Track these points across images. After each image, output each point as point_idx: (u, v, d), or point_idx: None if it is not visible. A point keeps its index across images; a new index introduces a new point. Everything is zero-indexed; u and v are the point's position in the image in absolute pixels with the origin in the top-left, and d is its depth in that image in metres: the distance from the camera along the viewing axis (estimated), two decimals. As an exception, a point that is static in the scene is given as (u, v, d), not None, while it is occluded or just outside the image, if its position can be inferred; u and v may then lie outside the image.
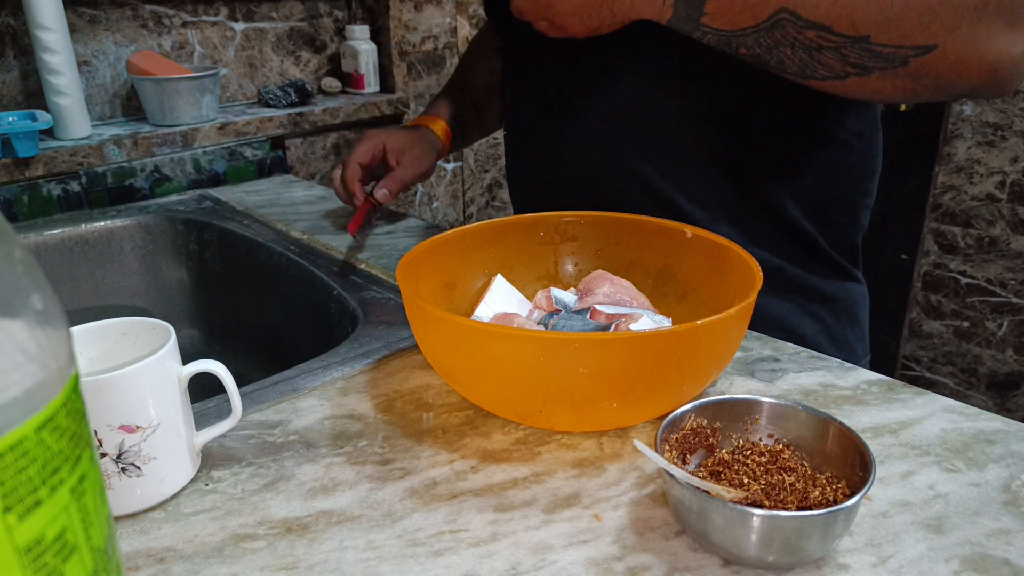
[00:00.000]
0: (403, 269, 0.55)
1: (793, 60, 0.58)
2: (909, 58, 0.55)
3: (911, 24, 0.54)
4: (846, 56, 0.57)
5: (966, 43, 0.54)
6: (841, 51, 0.57)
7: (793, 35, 0.57)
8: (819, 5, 0.55)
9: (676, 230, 0.63)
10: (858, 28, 0.55)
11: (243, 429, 0.52)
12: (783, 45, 0.58)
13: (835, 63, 0.58)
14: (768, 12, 0.56)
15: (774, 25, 0.56)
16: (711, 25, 0.58)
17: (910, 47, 0.55)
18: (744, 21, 0.57)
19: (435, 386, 0.58)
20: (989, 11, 0.53)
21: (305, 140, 1.33)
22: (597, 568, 0.40)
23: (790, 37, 0.57)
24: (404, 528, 0.43)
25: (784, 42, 0.57)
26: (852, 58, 0.57)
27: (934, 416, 0.53)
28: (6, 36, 1.05)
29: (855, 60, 0.57)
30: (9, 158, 0.96)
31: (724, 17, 0.57)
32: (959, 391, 1.95)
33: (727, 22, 0.58)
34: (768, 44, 0.58)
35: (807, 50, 0.57)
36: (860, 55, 0.56)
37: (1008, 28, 0.54)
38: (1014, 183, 1.76)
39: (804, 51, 0.57)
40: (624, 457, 0.49)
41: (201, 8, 1.22)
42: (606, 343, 0.45)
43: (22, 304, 0.22)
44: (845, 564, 0.40)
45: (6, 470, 0.21)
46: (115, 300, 1.00)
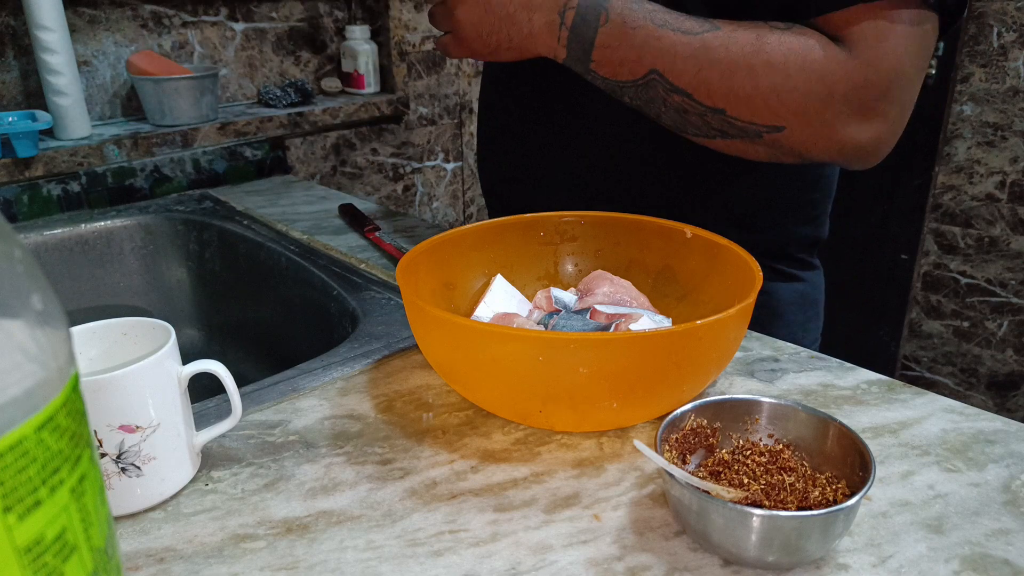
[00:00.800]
0: (403, 269, 0.55)
1: (668, 116, 0.62)
2: (762, 133, 0.59)
3: (759, 105, 0.58)
4: (708, 122, 0.61)
5: (812, 127, 0.58)
6: (704, 117, 0.60)
7: (663, 95, 0.60)
8: (684, 73, 0.58)
9: (676, 230, 0.63)
10: (714, 101, 0.59)
11: (243, 429, 0.52)
12: (656, 102, 0.61)
13: (700, 125, 0.61)
14: (643, 71, 0.60)
15: (648, 84, 0.60)
16: (598, 72, 0.62)
17: (761, 125, 0.59)
18: (623, 75, 0.61)
19: (435, 386, 0.58)
20: (835, 102, 0.56)
21: (305, 140, 1.33)
22: (597, 568, 0.40)
23: (660, 97, 0.61)
24: (404, 528, 0.43)
25: (657, 100, 0.61)
26: (714, 124, 0.60)
27: (934, 416, 0.53)
28: (6, 36, 1.05)
29: (716, 126, 0.61)
30: (9, 158, 0.96)
31: (607, 67, 0.61)
32: (959, 391, 1.95)
33: (610, 72, 0.61)
34: (645, 98, 0.61)
35: (676, 111, 0.61)
36: (719, 123, 0.60)
37: (855, 119, 0.57)
38: (1014, 183, 1.75)
39: (675, 111, 0.61)
40: (624, 457, 0.49)
41: (201, 8, 1.22)
42: (606, 343, 0.45)
43: (22, 304, 0.22)
44: (845, 564, 0.40)
45: (6, 470, 0.21)
46: (115, 300, 1.00)
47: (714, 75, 0.58)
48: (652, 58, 0.59)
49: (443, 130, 1.57)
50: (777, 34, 0.57)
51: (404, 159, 1.51)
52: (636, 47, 0.59)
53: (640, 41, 0.59)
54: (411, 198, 1.56)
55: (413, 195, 1.56)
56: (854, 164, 0.61)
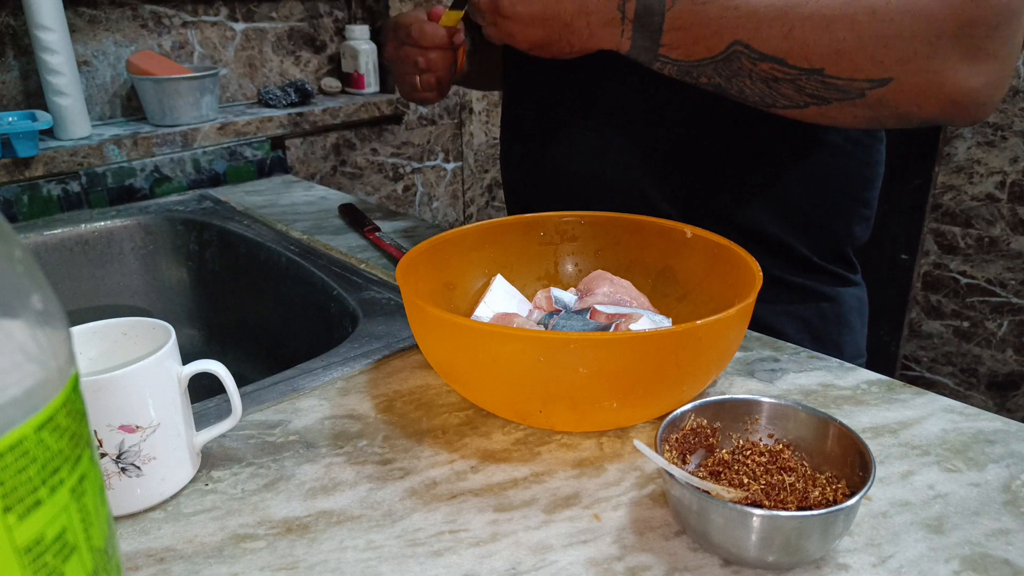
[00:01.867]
0: (403, 269, 0.55)
1: (753, 90, 0.59)
2: (865, 90, 0.56)
3: (863, 58, 0.54)
4: (803, 87, 0.57)
5: (921, 76, 0.54)
6: (797, 83, 0.57)
7: (749, 67, 0.57)
8: (771, 38, 0.55)
9: (676, 230, 0.63)
10: (811, 61, 0.55)
11: (243, 429, 0.52)
12: (741, 76, 0.58)
13: (793, 93, 0.58)
14: (723, 45, 0.56)
15: (730, 57, 0.57)
16: (669, 56, 0.59)
17: (864, 80, 0.55)
18: (700, 52, 0.57)
19: (435, 386, 0.58)
20: (944, 44, 0.53)
21: (305, 140, 1.33)
22: (597, 568, 0.40)
23: (746, 69, 0.57)
24: (404, 528, 0.43)
25: (741, 73, 0.58)
26: (809, 89, 0.57)
27: (934, 416, 0.53)
28: (6, 36, 1.05)
29: (812, 91, 0.57)
30: (9, 158, 0.96)
31: (680, 48, 0.58)
32: (959, 391, 1.95)
33: (684, 53, 0.58)
34: (727, 74, 0.58)
35: (764, 81, 0.57)
36: (816, 87, 0.56)
37: (965, 61, 0.53)
38: (1014, 183, 1.75)
39: (762, 82, 0.58)
40: (624, 457, 0.49)
41: (201, 8, 1.22)
42: (606, 343, 0.45)
43: (22, 304, 0.22)
44: (845, 564, 0.40)
45: (6, 470, 0.21)
46: (115, 300, 1.00)
47: (808, 33, 0.54)
48: (732, 29, 0.55)
49: (443, 130, 1.57)
50: None
51: (404, 159, 1.51)
52: (712, 21, 0.56)
53: (715, 14, 0.56)
54: (411, 198, 1.56)
55: (413, 195, 1.56)
56: (965, 116, 0.57)
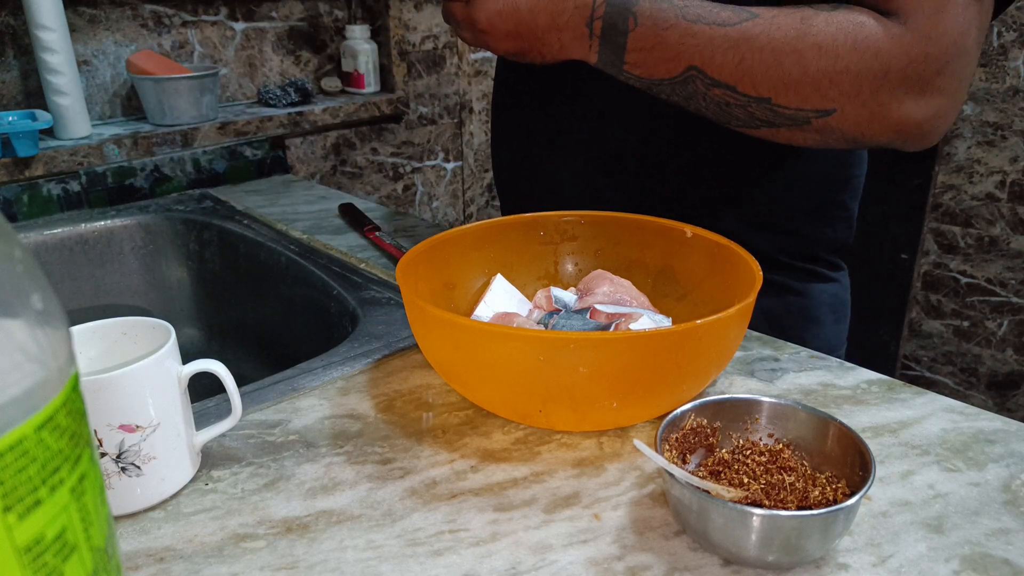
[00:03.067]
0: (403, 269, 0.55)
1: (709, 110, 0.61)
2: (811, 118, 0.58)
3: (809, 90, 0.56)
4: (752, 113, 0.59)
5: (866, 108, 0.56)
6: (747, 108, 0.59)
7: (703, 91, 0.59)
8: (724, 66, 0.57)
9: (676, 230, 0.63)
10: (759, 90, 0.57)
11: (243, 429, 0.52)
12: (696, 98, 0.60)
13: (744, 117, 0.60)
14: (680, 68, 0.59)
15: (686, 80, 0.59)
16: (632, 72, 0.61)
17: (810, 110, 0.57)
18: (659, 74, 0.60)
19: (435, 386, 0.58)
20: (891, 80, 0.54)
21: (305, 140, 1.33)
22: (597, 568, 0.40)
23: (700, 92, 0.60)
24: (404, 528, 0.43)
25: (696, 95, 0.60)
26: (758, 115, 0.59)
27: (934, 416, 0.53)
28: (6, 36, 1.04)
29: (761, 117, 0.59)
30: (9, 158, 0.96)
31: (642, 67, 0.60)
32: (959, 391, 1.95)
33: (646, 72, 0.60)
34: (684, 95, 0.61)
35: (717, 104, 0.60)
36: (765, 113, 0.59)
37: (912, 95, 0.55)
38: (1014, 183, 1.75)
39: (715, 105, 0.60)
40: (624, 457, 0.49)
41: (201, 8, 1.22)
42: (606, 343, 0.45)
43: (22, 304, 0.22)
44: (845, 564, 0.40)
45: (6, 470, 0.21)
46: (115, 300, 1.00)
47: (757, 64, 0.56)
48: (689, 55, 0.58)
49: (443, 130, 1.57)
50: (824, 15, 0.56)
51: (404, 159, 1.51)
52: (671, 46, 0.58)
53: (675, 40, 0.58)
54: (411, 198, 1.56)
55: (413, 195, 1.56)
56: (911, 144, 0.59)
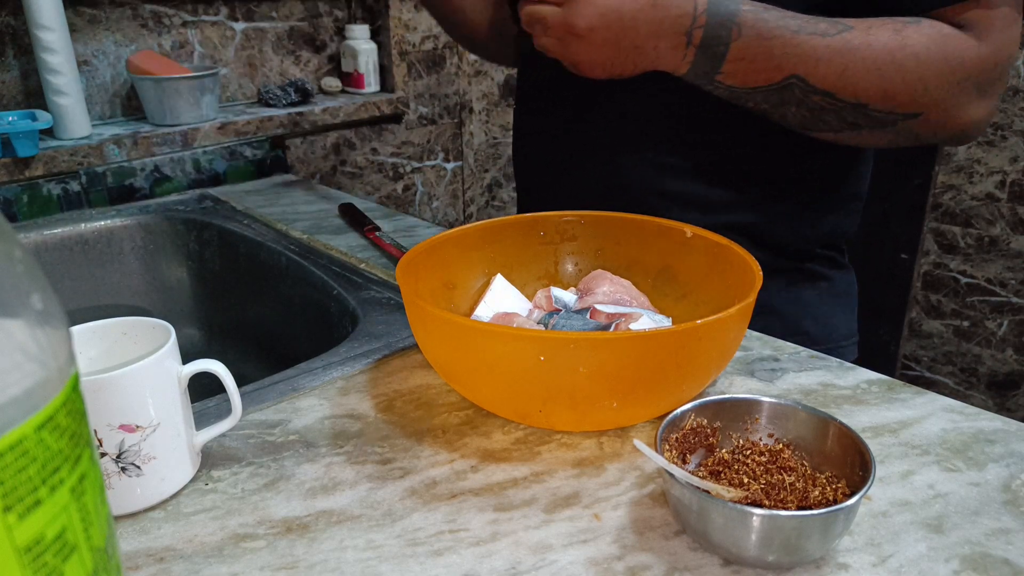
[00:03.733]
0: (403, 269, 0.55)
1: (796, 116, 0.64)
2: (897, 121, 0.63)
3: (905, 97, 0.61)
4: (844, 117, 0.63)
5: (945, 112, 0.63)
6: (841, 113, 0.63)
7: (800, 97, 0.62)
8: (827, 76, 0.60)
9: (676, 230, 0.63)
10: (859, 97, 0.61)
11: (243, 429, 0.52)
12: (789, 104, 0.63)
13: (833, 121, 0.64)
14: (780, 76, 0.61)
15: (784, 87, 0.61)
16: (724, 83, 0.63)
17: (900, 114, 0.63)
18: (757, 82, 0.62)
19: (435, 386, 0.58)
20: (968, 88, 0.62)
21: (305, 140, 1.33)
22: (597, 568, 0.40)
23: (796, 99, 0.62)
24: (404, 528, 0.43)
25: (791, 102, 0.63)
26: (850, 119, 0.63)
27: (934, 416, 0.53)
28: (6, 36, 1.04)
29: (852, 120, 0.64)
30: (9, 158, 0.96)
31: (738, 77, 0.62)
32: (959, 391, 1.95)
33: (740, 81, 0.62)
34: (775, 102, 0.63)
35: (810, 110, 0.63)
36: (857, 117, 0.63)
37: (978, 97, 0.63)
38: (1014, 183, 1.75)
39: (807, 110, 0.63)
40: (624, 457, 0.49)
41: (201, 8, 1.22)
42: (606, 343, 0.45)
43: (22, 304, 0.22)
44: (845, 564, 0.40)
45: (6, 470, 0.21)
46: (115, 300, 1.00)
47: (860, 73, 0.60)
48: (792, 64, 0.60)
49: (443, 130, 1.57)
50: (913, 26, 0.60)
51: (404, 159, 1.51)
52: (774, 56, 0.60)
53: (779, 50, 0.60)
54: (411, 198, 1.56)
55: (413, 195, 1.56)
56: (964, 141, 0.67)
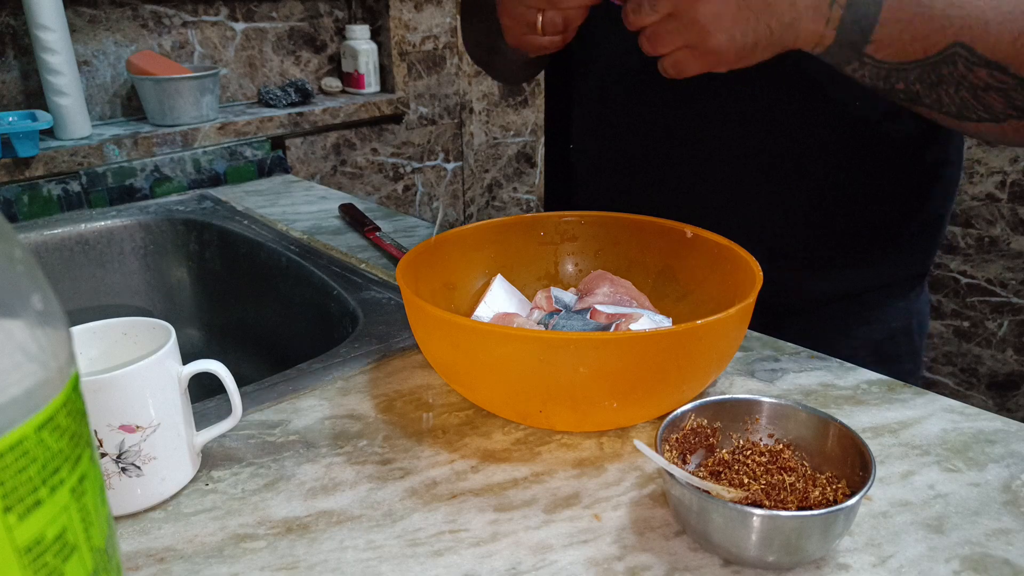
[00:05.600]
0: (403, 269, 0.55)
1: (953, 99, 0.55)
2: None
3: None
4: (1012, 99, 0.54)
5: None
6: (1009, 93, 0.53)
7: (962, 72, 0.53)
8: (999, 43, 0.52)
9: (676, 230, 0.63)
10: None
11: (243, 429, 0.52)
12: (947, 83, 0.54)
13: (998, 104, 0.54)
14: (942, 44, 0.52)
15: (945, 60, 0.53)
16: (875, 56, 0.53)
17: None
18: (913, 53, 0.53)
19: (435, 386, 0.58)
20: None
21: (305, 140, 1.33)
22: (597, 568, 0.40)
23: (958, 74, 0.53)
24: (404, 528, 0.43)
25: (949, 80, 0.54)
26: (1018, 101, 0.54)
27: (934, 416, 0.53)
28: (6, 36, 1.04)
29: (1020, 103, 0.54)
30: (9, 158, 0.96)
31: (892, 47, 0.53)
32: (959, 391, 1.95)
33: (894, 53, 0.53)
34: (931, 81, 0.54)
35: (972, 89, 0.54)
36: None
37: None
38: (1014, 183, 1.75)
39: (968, 90, 0.54)
40: (624, 457, 0.49)
41: (201, 8, 1.22)
42: (606, 343, 0.45)
43: (22, 304, 0.22)
44: (845, 564, 0.40)
45: (6, 470, 0.21)
46: (115, 300, 1.00)
47: None
48: (956, 28, 0.51)
49: (443, 130, 1.57)
50: None
51: (404, 159, 1.52)
52: (935, 18, 0.51)
53: (939, 10, 0.51)
54: (411, 198, 1.56)
55: (413, 195, 1.56)
56: None
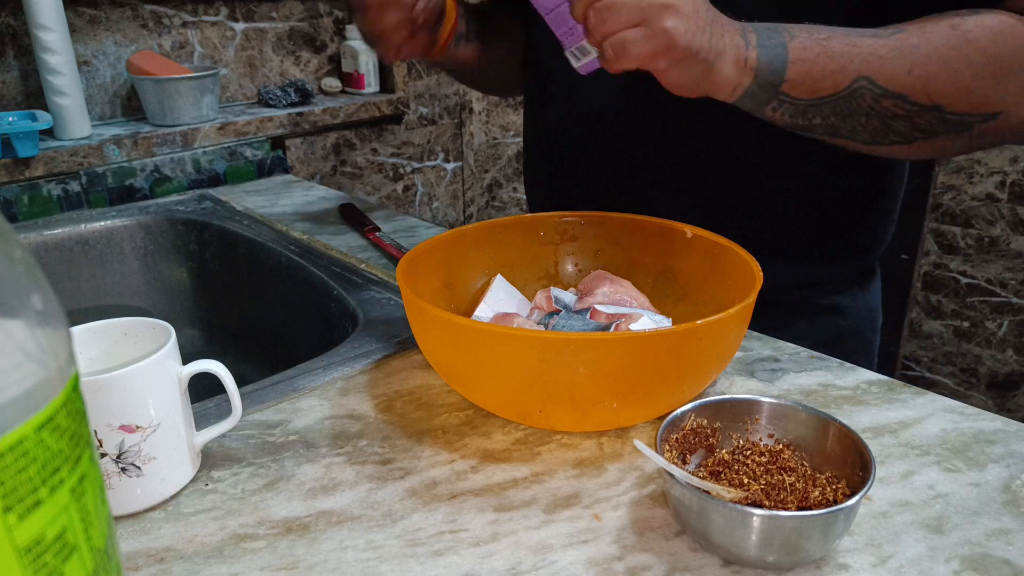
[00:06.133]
0: (403, 269, 0.55)
1: (867, 128, 0.59)
2: (974, 123, 0.58)
3: (980, 95, 0.56)
4: (917, 124, 0.58)
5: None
6: (913, 119, 0.58)
7: (870, 104, 0.57)
8: (896, 75, 0.56)
9: (676, 230, 0.63)
10: (932, 98, 0.56)
11: (243, 429, 0.52)
12: (859, 114, 0.58)
13: (906, 129, 0.59)
14: (849, 79, 0.56)
15: (853, 93, 0.57)
16: (791, 94, 0.57)
17: (978, 115, 0.57)
18: (824, 89, 0.57)
19: (435, 386, 0.58)
20: None
21: (305, 140, 1.33)
22: (597, 568, 0.40)
23: (867, 105, 0.57)
24: (404, 528, 0.43)
25: (860, 111, 0.58)
26: (922, 125, 0.58)
27: (934, 416, 0.53)
28: (6, 36, 1.04)
29: (925, 127, 0.58)
30: (9, 158, 0.96)
31: (805, 85, 0.57)
32: (959, 391, 1.95)
33: (807, 91, 0.57)
34: (844, 112, 0.58)
35: (881, 118, 0.58)
36: (930, 122, 0.58)
37: None
38: (1014, 183, 1.75)
39: (878, 119, 0.58)
40: (624, 457, 0.49)
41: (201, 8, 1.22)
42: (606, 343, 0.45)
43: (22, 304, 0.22)
44: (845, 564, 0.40)
45: (6, 470, 0.21)
46: (115, 300, 1.00)
47: (929, 72, 0.55)
48: (856, 64, 0.55)
49: (443, 130, 1.57)
50: (972, 19, 0.55)
51: (404, 159, 1.52)
52: (836, 56, 0.55)
53: (838, 49, 0.55)
54: (411, 198, 1.56)
55: (413, 195, 1.56)
56: None
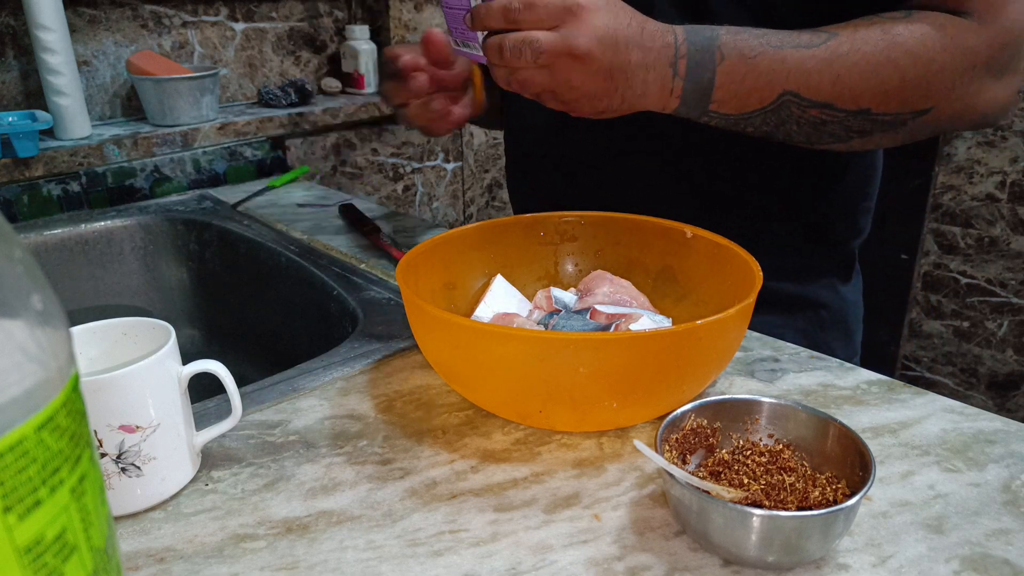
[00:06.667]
0: (403, 269, 0.55)
1: (799, 132, 0.61)
2: (907, 120, 0.59)
3: (909, 95, 0.58)
4: (849, 125, 0.60)
5: (960, 101, 0.59)
6: (844, 123, 0.59)
7: (798, 114, 0.59)
8: (820, 86, 0.57)
9: (676, 230, 0.63)
10: (859, 103, 0.58)
11: (243, 429, 0.52)
12: (789, 123, 0.60)
13: (839, 131, 0.60)
14: (773, 95, 0.58)
15: (779, 107, 0.58)
16: (719, 111, 0.59)
17: (908, 113, 0.59)
18: (751, 105, 0.59)
19: (435, 386, 0.58)
20: (979, 71, 0.58)
21: (305, 140, 1.33)
22: (597, 568, 0.40)
23: (795, 116, 0.59)
24: (404, 528, 0.43)
25: (790, 120, 0.59)
26: (855, 127, 0.60)
27: (934, 416, 0.53)
28: (6, 36, 1.04)
29: (857, 128, 0.60)
30: (9, 158, 0.96)
31: (731, 102, 0.58)
32: (959, 391, 1.95)
33: (734, 107, 0.59)
34: (775, 122, 0.60)
35: (811, 125, 0.60)
36: (861, 124, 0.59)
37: (995, 81, 0.59)
38: (1014, 183, 1.75)
39: (809, 126, 0.60)
40: (624, 457, 0.49)
41: (201, 8, 1.22)
42: (606, 343, 0.45)
43: (22, 304, 0.22)
44: (845, 564, 0.40)
45: (6, 470, 0.21)
46: (115, 300, 1.00)
47: (856, 79, 0.57)
48: (782, 80, 0.57)
49: (443, 130, 1.57)
50: (902, 23, 0.57)
51: (404, 159, 1.51)
52: (762, 75, 0.57)
53: (765, 68, 0.57)
54: (411, 198, 1.56)
55: (413, 195, 1.56)
56: (990, 124, 0.63)
